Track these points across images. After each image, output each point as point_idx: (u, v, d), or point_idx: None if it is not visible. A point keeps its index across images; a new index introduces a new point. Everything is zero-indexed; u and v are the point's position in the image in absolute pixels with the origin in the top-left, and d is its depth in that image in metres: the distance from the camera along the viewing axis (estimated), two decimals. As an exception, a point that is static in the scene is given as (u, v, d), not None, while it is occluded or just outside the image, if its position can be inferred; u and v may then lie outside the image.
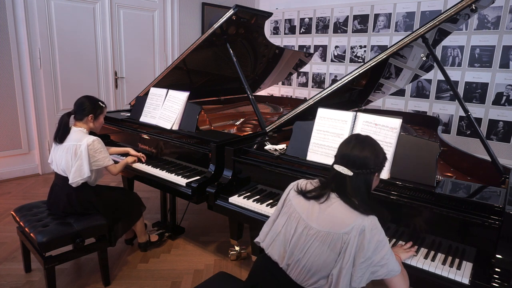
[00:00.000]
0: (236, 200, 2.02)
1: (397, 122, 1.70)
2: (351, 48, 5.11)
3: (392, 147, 1.69)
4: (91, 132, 2.29)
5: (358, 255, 1.18)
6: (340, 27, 5.17)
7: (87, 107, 2.23)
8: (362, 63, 2.55)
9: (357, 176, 1.27)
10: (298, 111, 2.37)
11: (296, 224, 1.29)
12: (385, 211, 1.36)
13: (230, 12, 2.52)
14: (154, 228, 2.94)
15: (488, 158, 1.81)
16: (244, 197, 2.03)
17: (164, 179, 2.36)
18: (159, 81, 3.05)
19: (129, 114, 2.98)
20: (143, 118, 2.77)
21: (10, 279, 2.29)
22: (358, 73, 2.14)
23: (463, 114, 3.65)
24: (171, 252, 2.68)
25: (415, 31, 1.95)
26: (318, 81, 5.55)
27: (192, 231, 3.00)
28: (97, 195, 2.25)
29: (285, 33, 5.81)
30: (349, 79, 2.17)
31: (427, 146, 1.64)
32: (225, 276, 1.64)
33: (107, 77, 4.64)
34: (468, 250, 1.48)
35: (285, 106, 3.99)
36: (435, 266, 1.44)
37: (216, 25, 2.60)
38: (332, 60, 5.33)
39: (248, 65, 3.53)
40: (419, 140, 1.69)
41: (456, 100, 3.63)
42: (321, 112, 1.95)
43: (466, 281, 1.37)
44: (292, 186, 1.40)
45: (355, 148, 1.29)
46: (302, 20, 5.57)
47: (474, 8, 1.83)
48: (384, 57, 2.07)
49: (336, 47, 5.26)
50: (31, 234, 2.02)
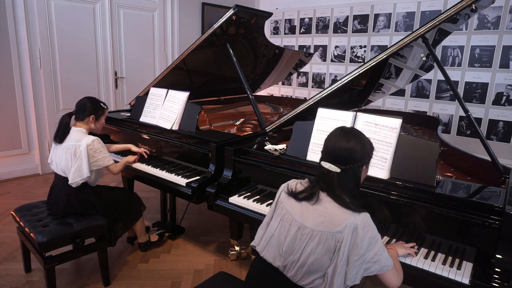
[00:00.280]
0: (236, 200, 2.02)
1: (397, 122, 1.70)
2: (351, 48, 5.11)
3: (392, 147, 1.69)
4: (91, 132, 2.29)
5: (352, 253, 1.18)
6: (340, 27, 5.16)
7: (89, 108, 2.24)
8: (362, 63, 2.55)
9: (345, 172, 1.26)
10: (298, 111, 2.37)
11: (289, 225, 1.29)
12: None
13: (230, 12, 2.52)
14: (154, 228, 2.94)
15: (488, 158, 1.81)
16: (244, 197, 2.03)
17: (164, 179, 2.36)
18: (159, 81, 3.05)
19: (129, 114, 2.98)
20: (143, 118, 2.77)
21: (10, 279, 2.29)
22: (358, 73, 2.14)
23: (463, 114, 3.65)
24: (171, 252, 2.68)
25: (415, 31, 1.95)
26: (318, 81, 5.55)
27: (192, 231, 3.00)
28: (97, 195, 2.25)
29: (285, 33, 5.81)
30: (349, 79, 2.17)
31: (427, 146, 1.64)
32: (225, 276, 1.64)
33: (107, 77, 4.64)
34: (468, 250, 1.48)
35: (285, 106, 3.98)
36: (435, 266, 1.44)
37: (216, 25, 2.60)
38: (332, 60, 5.32)
39: (248, 65, 3.53)
40: (419, 140, 1.69)
41: (456, 100, 3.64)
42: (321, 112, 1.95)
43: (466, 281, 1.37)
44: (283, 188, 1.39)
45: (341, 141, 1.27)
46: (302, 20, 5.57)
47: (474, 8, 1.83)
48: (384, 57, 2.07)
49: (336, 47, 5.26)
50: (31, 234, 2.02)
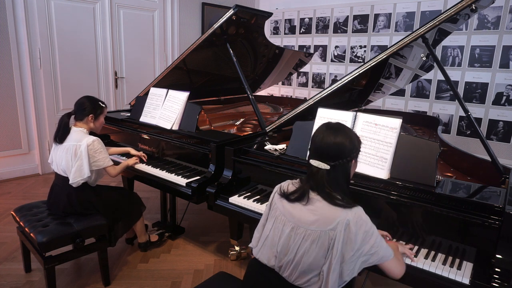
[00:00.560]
0: (236, 200, 2.02)
1: (397, 122, 1.70)
2: (351, 48, 5.11)
3: (392, 147, 1.69)
4: (91, 133, 2.29)
5: (347, 249, 1.18)
6: (340, 27, 5.16)
7: (87, 107, 2.23)
8: (362, 63, 2.55)
9: (335, 169, 1.26)
10: (298, 111, 2.37)
11: (283, 226, 1.29)
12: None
13: (230, 12, 2.52)
14: (154, 228, 2.94)
15: (488, 158, 1.81)
16: (244, 197, 2.03)
17: (164, 179, 2.36)
18: (159, 81, 3.05)
19: (129, 114, 2.98)
20: (143, 118, 2.77)
21: (10, 279, 2.29)
22: (358, 73, 2.14)
23: (463, 114, 3.65)
24: (171, 252, 2.68)
25: (415, 31, 1.95)
26: (318, 81, 5.55)
27: (192, 231, 2.99)
28: (97, 195, 2.25)
29: (285, 33, 5.81)
30: (349, 79, 2.16)
31: (427, 146, 1.64)
32: (225, 276, 1.64)
33: (107, 77, 4.64)
34: (468, 250, 1.48)
35: (285, 106, 3.98)
36: (435, 266, 1.44)
37: (216, 25, 2.60)
38: (332, 60, 5.32)
39: (248, 65, 3.53)
40: (419, 140, 1.69)
41: (456, 100, 3.64)
42: (321, 112, 1.95)
43: (467, 281, 1.37)
44: (276, 190, 1.40)
45: (328, 137, 1.27)
46: (302, 20, 5.57)
47: (474, 8, 1.83)
48: (384, 57, 2.07)
49: (336, 47, 5.26)
50: (31, 234, 2.02)
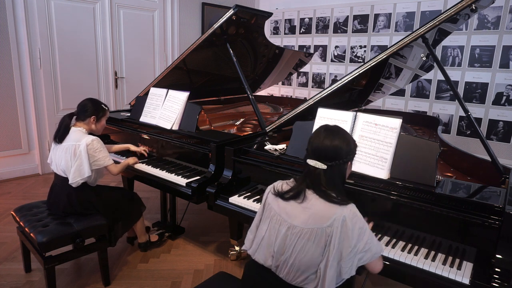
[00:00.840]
0: (236, 200, 2.02)
1: (397, 122, 1.70)
2: (351, 48, 5.11)
3: (392, 147, 1.69)
4: (91, 133, 2.29)
5: (344, 246, 1.20)
6: (340, 27, 5.16)
7: (90, 109, 2.24)
8: (362, 63, 2.55)
9: (331, 169, 1.29)
10: (298, 111, 2.37)
11: (279, 226, 1.30)
12: None
13: (230, 12, 2.52)
14: (154, 228, 2.94)
15: (488, 158, 1.81)
16: (244, 197, 2.03)
17: (164, 179, 2.36)
18: (159, 81, 3.05)
19: (129, 114, 2.98)
20: (143, 118, 2.77)
21: (10, 279, 2.29)
22: (358, 73, 2.14)
23: (463, 114, 3.65)
24: (171, 252, 2.68)
25: (415, 31, 1.95)
26: (318, 81, 5.55)
27: (192, 231, 2.99)
28: (97, 195, 2.25)
29: (285, 33, 5.81)
30: (349, 79, 2.17)
31: (427, 146, 1.64)
32: (225, 276, 1.64)
33: (107, 77, 4.64)
34: (468, 250, 1.48)
35: (285, 106, 3.98)
36: (436, 266, 1.44)
37: (216, 25, 2.60)
38: (332, 60, 5.32)
39: (248, 65, 3.53)
40: (419, 140, 1.69)
41: (456, 100, 3.64)
42: (321, 112, 1.95)
43: (467, 281, 1.37)
44: (269, 190, 1.40)
45: (326, 139, 1.30)
46: (302, 20, 5.57)
47: (474, 8, 1.83)
48: (384, 57, 2.07)
49: (336, 47, 5.26)
50: (31, 234, 2.02)
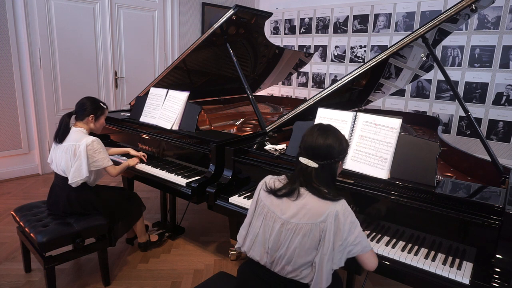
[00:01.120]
0: (236, 200, 2.02)
1: (397, 122, 1.70)
2: (351, 48, 5.11)
3: (392, 147, 1.68)
4: (91, 133, 2.29)
5: (336, 239, 1.24)
6: (340, 27, 5.16)
7: (88, 108, 2.23)
8: (362, 63, 2.55)
9: (323, 167, 1.32)
10: (298, 111, 2.37)
11: (273, 223, 1.32)
12: None
13: (230, 12, 2.52)
14: (154, 228, 2.94)
15: (488, 158, 1.81)
16: (244, 197, 2.03)
17: (164, 179, 2.36)
18: (159, 81, 3.05)
19: (129, 114, 2.98)
20: (143, 118, 2.77)
21: (10, 279, 2.29)
22: (358, 73, 2.14)
23: (463, 114, 3.65)
24: (171, 252, 2.68)
25: (415, 31, 1.95)
26: (318, 81, 5.55)
27: (192, 231, 3.00)
28: (97, 195, 2.25)
29: (285, 33, 5.81)
30: (349, 79, 2.16)
31: (427, 146, 1.64)
32: (225, 276, 1.64)
33: (107, 77, 4.64)
34: (468, 250, 1.48)
35: (285, 106, 3.99)
36: (436, 266, 1.44)
37: (216, 25, 2.60)
38: (332, 60, 5.32)
39: (248, 65, 3.53)
40: (419, 140, 1.69)
41: (456, 100, 3.64)
42: (321, 112, 1.95)
43: (467, 281, 1.37)
44: (261, 186, 1.42)
45: (319, 138, 1.33)
46: (302, 20, 5.57)
47: (474, 8, 1.83)
48: (384, 57, 2.07)
49: (336, 47, 5.26)
50: (31, 234, 2.02)
